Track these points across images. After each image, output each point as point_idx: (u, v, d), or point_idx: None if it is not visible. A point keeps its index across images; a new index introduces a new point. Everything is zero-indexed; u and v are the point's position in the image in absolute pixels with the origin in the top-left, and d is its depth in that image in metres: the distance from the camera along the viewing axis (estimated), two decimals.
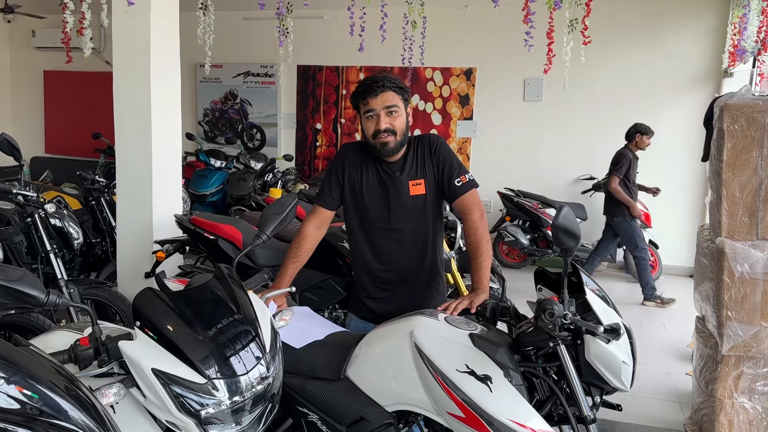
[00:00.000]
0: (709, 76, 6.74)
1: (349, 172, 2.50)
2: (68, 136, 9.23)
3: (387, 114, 2.35)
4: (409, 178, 2.44)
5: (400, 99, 2.38)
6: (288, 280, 2.43)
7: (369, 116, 2.37)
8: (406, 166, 2.46)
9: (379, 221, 2.47)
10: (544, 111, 7.35)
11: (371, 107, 2.34)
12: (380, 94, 2.33)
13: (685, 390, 3.87)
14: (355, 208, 2.51)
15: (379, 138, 2.35)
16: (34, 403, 1.26)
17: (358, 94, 2.39)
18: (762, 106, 2.76)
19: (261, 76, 8.42)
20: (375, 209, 2.47)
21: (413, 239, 2.49)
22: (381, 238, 2.49)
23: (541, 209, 6.74)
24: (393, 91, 2.35)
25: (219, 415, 1.56)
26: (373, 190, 2.47)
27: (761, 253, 2.73)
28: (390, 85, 2.35)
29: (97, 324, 1.63)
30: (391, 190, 2.44)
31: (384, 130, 2.34)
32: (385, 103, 2.34)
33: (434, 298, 2.58)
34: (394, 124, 2.35)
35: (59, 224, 3.89)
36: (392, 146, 2.37)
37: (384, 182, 2.46)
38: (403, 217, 2.45)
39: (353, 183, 2.49)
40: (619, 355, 1.98)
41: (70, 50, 4.25)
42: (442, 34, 7.19)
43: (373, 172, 2.48)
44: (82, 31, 3.69)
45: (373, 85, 2.34)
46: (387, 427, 2.04)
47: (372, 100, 2.34)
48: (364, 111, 2.38)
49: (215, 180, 7.45)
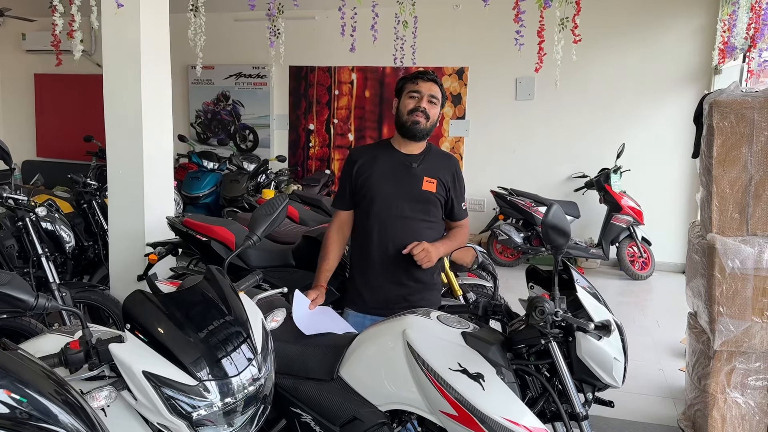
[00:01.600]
0: (700, 73, 6.77)
1: (360, 167, 2.63)
2: (59, 139, 9.19)
3: (429, 100, 2.57)
4: (425, 174, 2.60)
5: (440, 96, 2.62)
6: (323, 278, 2.62)
7: (413, 95, 2.57)
8: (425, 162, 2.63)
9: (388, 206, 2.57)
10: (536, 110, 7.37)
11: (419, 89, 2.57)
12: (430, 82, 2.58)
13: (679, 386, 3.88)
14: (365, 195, 2.60)
15: (414, 115, 2.55)
16: (23, 408, 1.26)
17: (409, 78, 2.61)
18: (751, 103, 2.77)
19: (253, 77, 8.41)
20: (385, 193, 2.57)
21: (418, 229, 2.58)
22: (388, 223, 2.57)
23: (534, 207, 6.76)
24: (439, 87, 2.62)
25: (211, 416, 1.55)
26: (386, 174, 2.59)
27: (751, 249, 2.74)
28: (439, 82, 2.62)
29: (88, 327, 1.62)
30: (405, 177, 2.59)
31: (422, 109, 2.55)
32: (431, 91, 2.58)
33: (431, 291, 2.66)
34: (431, 111, 2.58)
35: (51, 228, 3.87)
36: (421, 127, 2.56)
37: (398, 169, 2.60)
38: (411, 206, 2.57)
39: (363, 173, 2.61)
40: (611, 351, 1.99)
41: (60, 53, 4.23)
42: (434, 33, 7.20)
43: (387, 159, 2.62)
44: (72, 34, 3.68)
45: (429, 73, 2.62)
46: (380, 426, 2.04)
47: (422, 84, 2.57)
48: (409, 90, 2.58)
49: (208, 182, 7.44)
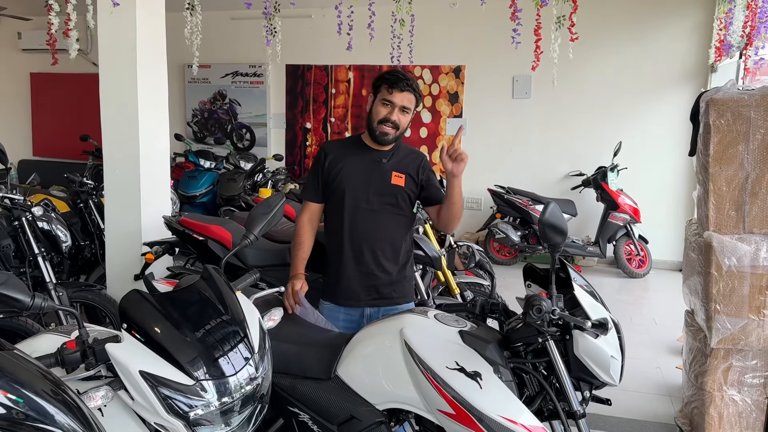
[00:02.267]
0: (696, 71, 6.78)
1: (330, 162, 2.67)
2: (56, 138, 9.16)
3: (400, 111, 2.58)
4: (393, 169, 2.64)
5: (414, 103, 2.63)
6: (301, 265, 2.66)
7: (385, 104, 2.58)
8: (393, 158, 2.67)
9: (358, 199, 2.62)
10: (533, 108, 7.37)
11: (392, 99, 2.56)
12: (405, 92, 2.57)
13: (676, 383, 3.89)
14: (336, 189, 2.65)
15: (383, 126, 2.57)
16: (20, 408, 1.25)
17: (388, 80, 2.57)
18: (747, 101, 2.77)
19: (249, 75, 8.40)
20: (355, 187, 2.62)
21: (388, 222, 2.65)
22: (359, 216, 2.62)
23: (531, 206, 6.76)
24: (414, 95, 2.61)
25: (208, 416, 1.55)
26: (355, 169, 2.64)
27: (748, 247, 2.75)
28: (414, 89, 2.61)
29: (84, 327, 1.62)
30: (374, 172, 2.63)
31: (392, 121, 2.56)
32: (404, 102, 2.58)
33: (401, 283, 2.72)
34: (401, 121, 2.60)
35: (47, 227, 3.87)
36: (389, 138, 2.61)
37: (369, 164, 2.65)
38: (380, 199, 2.62)
39: (333, 168, 2.65)
40: (608, 349, 1.99)
41: (56, 52, 4.22)
42: (431, 31, 7.19)
43: (358, 154, 2.67)
44: (68, 33, 3.66)
45: (405, 81, 2.57)
46: (378, 425, 2.04)
47: (397, 94, 2.56)
48: (383, 98, 2.58)
49: (205, 181, 7.42)
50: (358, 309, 2.65)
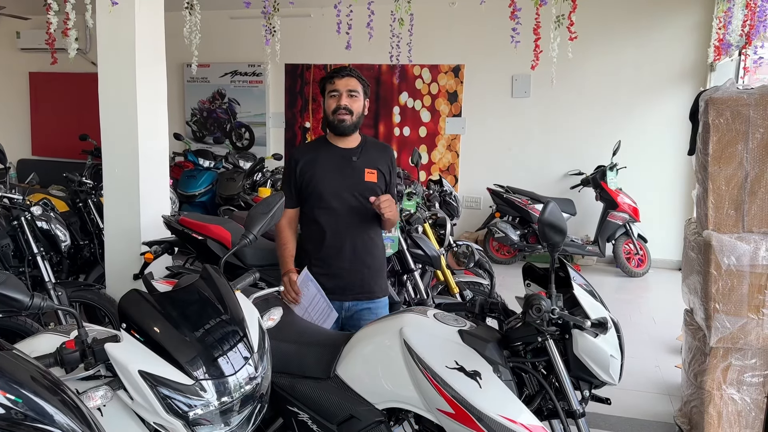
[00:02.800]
0: (695, 70, 6.78)
1: (302, 166, 2.73)
2: (55, 138, 9.15)
3: (348, 95, 2.67)
4: (365, 166, 2.73)
5: (360, 87, 2.71)
6: (290, 261, 2.75)
7: (332, 95, 2.68)
8: (363, 155, 2.75)
9: (333, 199, 2.68)
10: (532, 107, 7.37)
11: (336, 87, 2.67)
12: (345, 78, 2.67)
13: (675, 382, 3.89)
14: (310, 191, 2.70)
15: (338, 114, 2.66)
16: (18, 408, 1.25)
17: (327, 76, 2.72)
18: (747, 100, 2.77)
19: (249, 75, 8.39)
20: (330, 187, 2.69)
21: (366, 217, 2.72)
22: (338, 215, 2.68)
23: (531, 205, 6.76)
24: (356, 79, 2.70)
25: (207, 416, 1.55)
26: (327, 170, 2.70)
27: (747, 246, 2.75)
28: (355, 74, 2.71)
29: (83, 326, 1.61)
30: (347, 171, 2.71)
31: (344, 107, 2.65)
32: (348, 86, 2.67)
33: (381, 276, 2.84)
34: (353, 106, 2.67)
35: (46, 227, 3.86)
36: (347, 124, 2.67)
37: (340, 163, 2.71)
38: (357, 197, 2.69)
39: (306, 171, 2.72)
40: (607, 348, 1.99)
41: (55, 51, 4.21)
42: (430, 31, 7.19)
43: (328, 155, 2.73)
44: (66, 32, 3.66)
45: (342, 70, 2.70)
46: (377, 424, 2.04)
47: (338, 81, 2.67)
48: (329, 90, 2.69)
49: (204, 180, 7.42)
50: (338, 303, 2.71)
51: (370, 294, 2.76)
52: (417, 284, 3.81)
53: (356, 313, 2.74)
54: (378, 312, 2.77)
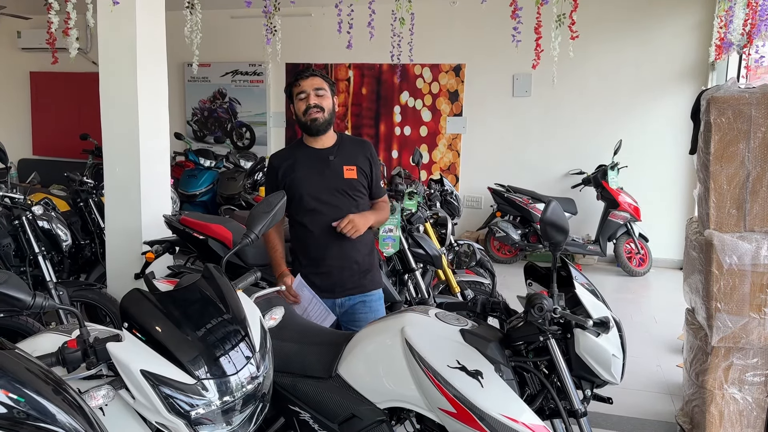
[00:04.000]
0: (696, 70, 6.77)
1: (283, 171, 2.76)
2: (56, 137, 9.16)
3: (316, 95, 2.69)
4: (343, 163, 2.74)
5: (327, 85, 2.74)
6: (282, 263, 2.79)
7: (301, 97, 2.71)
8: (340, 153, 2.77)
9: (316, 199, 2.70)
10: (533, 106, 7.36)
11: (303, 89, 2.70)
12: (310, 78, 2.70)
13: (676, 382, 3.89)
14: (294, 194, 2.71)
15: (309, 113, 2.68)
16: (21, 407, 1.25)
17: (291, 82, 2.75)
18: (748, 99, 2.77)
19: (249, 74, 8.39)
20: (311, 188, 2.71)
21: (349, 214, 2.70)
22: (321, 215, 2.70)
23: (531, 204, 6.76)
24: (321, 78, 2.73)
25: (209, 415, 1.55)
26: (307, 172, 2.73)
27: (749, 245, 2.74)
28: (318, 74, 2.74)
29: (85, 326, 1.61)
30: (326, 170, 2.73)
31: (314, 105, 2.67)
32: (314, 85, 2.70)
33: (372, 271, 2.84)
34: (323, 103, 2.70)
35: (47, 226, 3.86)
36: (321, 121, 2.69)
37: (318, 164, 2.74)
38: (338, 195, 2.72)
39: (287, 176, 2.74)
40: (609, 348, 1.99)
41: (56, 51, 4.21)
42: (431, 30, 7.19)
43: (304, 158, 2.76)
44: (67, 32, 3.66)
45: (305, 71, 2.73)
46: (379, 424, 2.04)
47: (303, 82, 2.70)
48: (296, 93, 2.72)
49: (205, 180, 7.42)
50: (330, 300, 2.73)
51: (361, 288, 2.78)
52: (418, 283, 3.81)
53: (350, 308, 2.78)
54: (372, 305, 2.81)
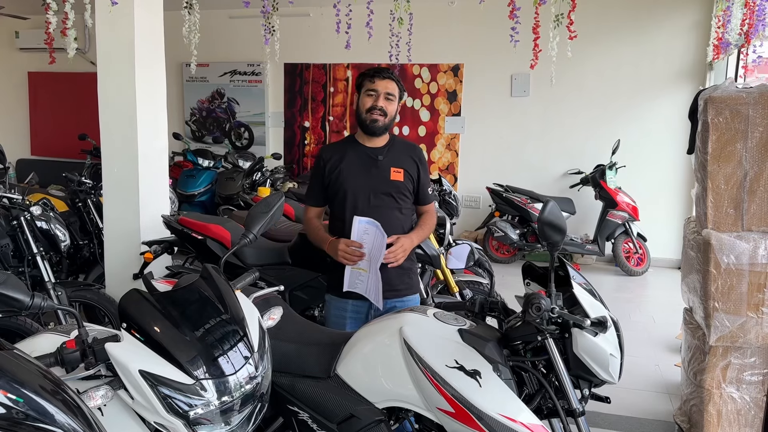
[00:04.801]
0: (694, 70, 6.78)
1: (330, 166, 2.74)
2: (54, 137, 9.15)
3: (385, 98, 2.68)
4: (391, 165, 2.72)
5: (398, 92, 2.73)
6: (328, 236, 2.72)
7: (370, 93, 2.69)
8: (389, 154, 2.75)
9: (359, 198, 2.67)
10: (531, 106, 7.37)
11: (375, 87, 2.68)
12: (386, 80, 2.69)
13: (674, 381, 3.89)
14: (338, 190, 2.71)
15: (372, 113, 2.67)
16: (19, 407, 1.25)
17: (368, 74, 2.72)
18: (746, 99, 2.77)
19: (248, 74, 8.39)
20: (356, 186, 2.69)
21: (391, 217, 2.70)
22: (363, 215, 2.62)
23: (530, 204, 6.77)
24: (396, 83, 2.72)
25: (208, 415, 1.55)
26: (354, 169, 2.71)
27: (747, 244, 2.75)
28: (395, 78, 2.73)
29: (84, 326, 1.61)
30: (372, 170, 2.71)
31: (379, 107, 2.66)
32: (387, 89, 2.68)
33: (410, 276, 2.81)
34: (388, 108, 2.69)
35: (45, 227, 3.86)
36: (380, 125, 2.68)
37: (366, 162, 2.72)
38: (382, 196, 2.69)
39: (333, 170, 2.73)
40: (607, 347, 1.99)
41: (54, 51, 4.21)
42: (429, 30, 7.19)
43: (355, 154, 2.74)
44: (65, 32, 3.66)
45: (384, 71, 2.72)
46: (377, 423, 2.04)
47: (378, 82, 2.68)
48: (367, 88, 2.70)
49: (203, 180, 7.41)
50: (366, 302, 2.68)
51: (396, 292, 2.73)
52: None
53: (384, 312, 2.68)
54: None
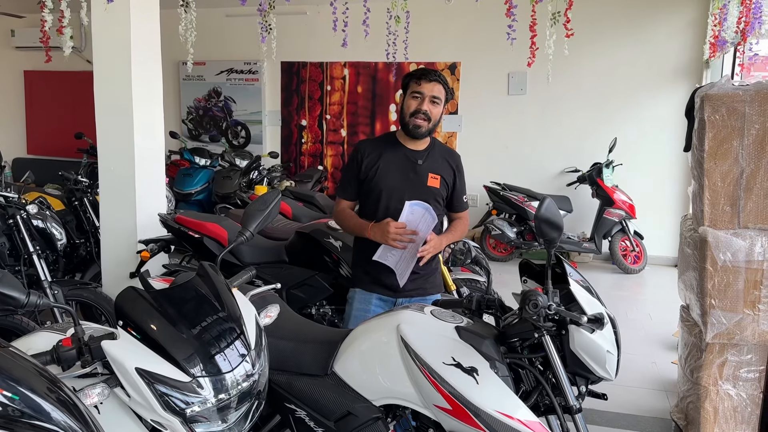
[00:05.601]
0: (691, 67, 6.79)
1: (367, 162, 2.70)
2: (50, 136, 9.13)
3: (431, 101, 2.61)
4: (429, 170, 2.69)
5: (444, 96, 2.65)
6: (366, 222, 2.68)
7: (416, 96, 2.62)
8: (429, 159, 2.71)
9: (394, 199, 2.64)
10: (528, 104, 7.38)
11: (421, 90, 2.61)
12: (433, 82, 2.60)
13: (671, 378, 3.90)
14: (372, 188, 2.67)
15: (415, 117, 2.61)
16: (15, 405, 1.25)
17: (414, 75, 2.64)
18: (742, 96, 2.78)
19: (244, 73, 8.38)
20: (391, 187, 2.66)
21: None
22: (396, 216, 2.60)
23: (527, 202, 6.77)
24: (443, 86, 2.64)
25: (205, 413, 1.55)
26: (391, 169, 2.67)
27: (743, 242, 2.75)
28: (442, 81, 2.64)
29: (80, 324, 1.61)
30: (411, 173, 2.68)
31: (423, 111, 2.60)
32: (434, 92, 2.61)
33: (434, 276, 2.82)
34: (433, 112, 2.62)
35: (42, 225, 3.85)
36: (423, 130, 2.63)
37: (405, 165, 2.68)
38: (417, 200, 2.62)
39: (370, 167, 2.68)
40: (603, 344, 2.00)
41: (50, 49, 4.20)
42: (426, 28, 7.19)
43: (393, 154, 2.69)
44: (61, 30, 3.65)
45: (432, 73, 2.63)
46: (375, 421, 2.04)
47: (425, 84, 2.60)
48: (412, 90, 2.63)
49: (200, 178, 7.40)
50: (391, 299, 2.70)
51: (422, 292, 2.74)
52: None
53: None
54: None
